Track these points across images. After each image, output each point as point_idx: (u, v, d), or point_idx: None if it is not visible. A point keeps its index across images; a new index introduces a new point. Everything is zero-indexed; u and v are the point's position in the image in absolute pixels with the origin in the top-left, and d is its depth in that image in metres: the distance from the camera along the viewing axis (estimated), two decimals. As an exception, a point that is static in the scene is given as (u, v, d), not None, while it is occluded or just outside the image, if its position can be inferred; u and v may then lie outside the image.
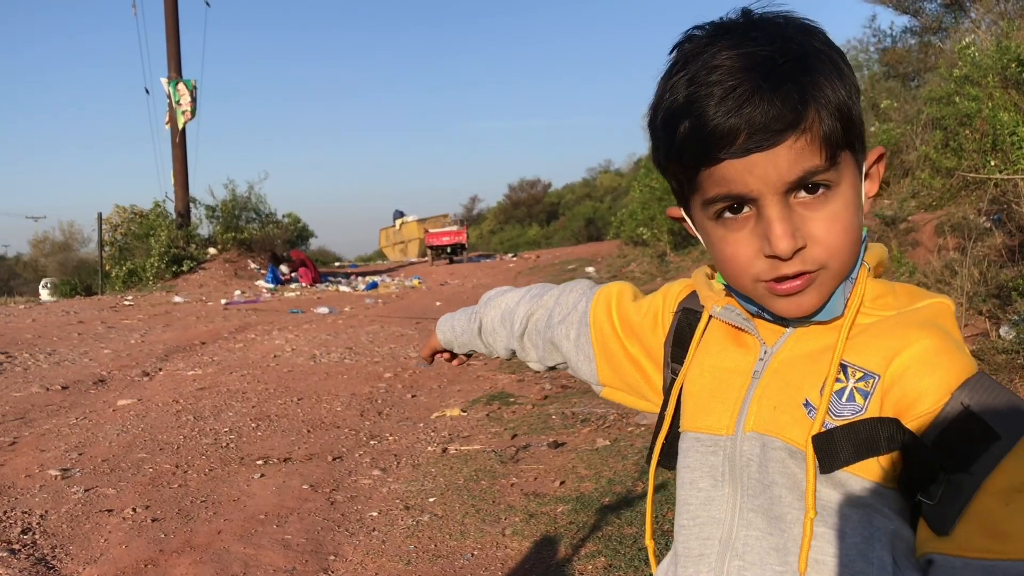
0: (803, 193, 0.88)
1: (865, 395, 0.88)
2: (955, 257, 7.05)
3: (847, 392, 0.89)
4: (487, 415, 6.60)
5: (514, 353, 1.39)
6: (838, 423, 0.88)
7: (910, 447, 0.84)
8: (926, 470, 0.83)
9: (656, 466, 1.11)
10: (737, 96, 0.84)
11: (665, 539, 3.76)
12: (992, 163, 7.29)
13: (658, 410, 1.13)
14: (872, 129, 11.27)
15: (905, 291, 0.95)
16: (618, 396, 1.23)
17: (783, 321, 0.97)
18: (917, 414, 0.85)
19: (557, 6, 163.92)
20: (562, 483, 4.75)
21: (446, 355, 1.54)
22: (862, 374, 0.89)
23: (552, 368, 1.34)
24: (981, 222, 7.83)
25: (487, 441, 5.83)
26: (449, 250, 31.67)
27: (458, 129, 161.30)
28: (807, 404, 0.90)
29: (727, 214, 0.92)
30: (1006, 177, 6.95)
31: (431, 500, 4.64)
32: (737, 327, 1.02)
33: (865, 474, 0.87)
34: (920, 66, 15.41)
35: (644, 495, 4.39)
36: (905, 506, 0.89)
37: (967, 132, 7.74)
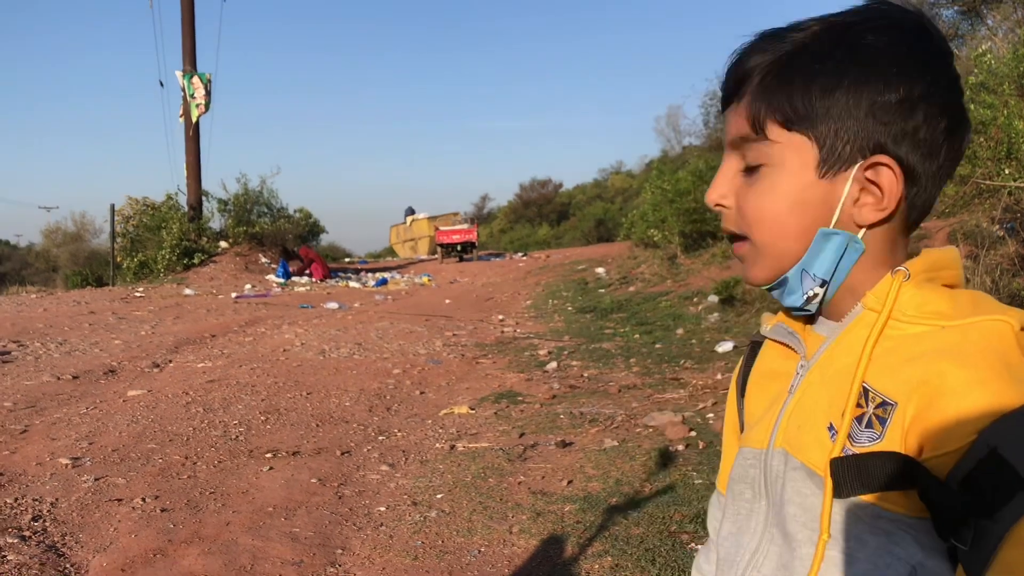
0: (745, 170, 0.94)
1: (883, 422, 0.84)
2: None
3: (866, 418, 0.86)
4: (495, 413, 6.61)
5: None
6: (856, 450, 0.86)
7: (926, 488, 0.80)
8: (950, 513, 0.79)
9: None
10: (733, 54, 0.94)
11: (672, 540, 3.76)
12: (1007, 171, 7.25)
13: None
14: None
15: (969, 299, 0.88)
16: None
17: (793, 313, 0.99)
18: (941, 452, 0.79)
19: (572, 6, 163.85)
20: (569, 482, 4.75)
21: None
22: (880, 400, 0.85)
23: None
24: (994, 230, 7.80)
25: (495, 439, 5.84)
26: (459, 248, 31.72)
27: (470, 127, 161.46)
28: (831, 428, 0.89)
29: None
30: (1021, 185, 6.93)
31: (439, 496, 4.66)
32: (782, 343, 1.02)
33: (887, 504, 0.84)
34: (936, 73, 15.36)
35: (652, 496, 4.39)
36: (943, 542, 0.84)
37: (982, 139, 7.70)
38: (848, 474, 0.85)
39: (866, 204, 0.90)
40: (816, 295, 0.94)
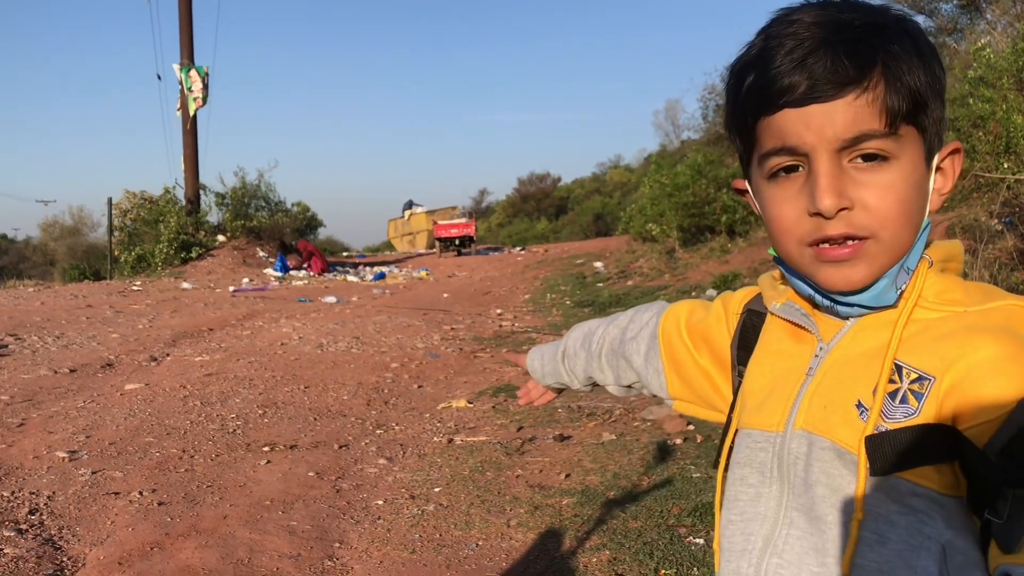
0: (859, 159, 0.87)
1: (919, 397, 0.85)
2: (966, 260, 7.02)
3: (900, 394, 0.86)
4: (493, 407, 6.61)
5: (591, 381, 1.40)
6: (890, 426, 0.85)
7: (970, 459, 0.81)
8: (989, 484, 0.80)
9: (724, 469, 1.07)
10: (805, 47, 0.85)
11: (670, 533, 3.76)
12: (1005, 165, 7.26)
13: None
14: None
15: (978, 288, 0.92)
16: (690, 408, 1.23)
17: (840, 311, 0.95)
18: (978, 423, 0.81)
19: (570, 2, 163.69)
20: (567, 476, 4.75)
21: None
22: (916, 375, 0.86)
23: (628, 388, 1.34)
24: (993, 224, 7.79)
25: (493, 433, 5.83)
26: (457, 242, 31.75)
27: (469, 122, 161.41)
28: (859, 405, 0.88)
29: (781, 173, 0.91)
30: (1020, 179, 6.93)
31: (436, 490, 4.65)
32: (796, 323, 1.00)
33: (919, 479, 0.84)
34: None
35: (650, 490, 4.39)
36: (970, 519, 0.85)
37: (980, 134, 7.70)
38: (884, 450, 0.85)
39: (936, 191, 0.93)
40: (904, 289, 0.92)
